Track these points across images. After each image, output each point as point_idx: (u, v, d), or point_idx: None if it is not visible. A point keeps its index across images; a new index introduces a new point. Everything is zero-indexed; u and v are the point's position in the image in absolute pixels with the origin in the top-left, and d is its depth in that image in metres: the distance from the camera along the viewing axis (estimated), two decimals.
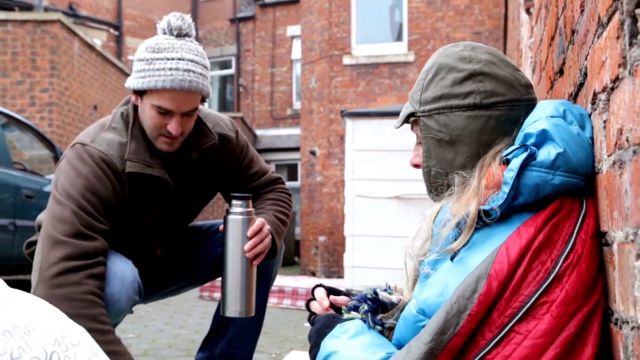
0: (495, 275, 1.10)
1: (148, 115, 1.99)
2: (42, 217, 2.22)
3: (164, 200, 2.11)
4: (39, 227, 2.20)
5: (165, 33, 2.00)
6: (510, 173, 1.16)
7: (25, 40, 8.64)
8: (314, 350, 1.37)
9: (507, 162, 1.20)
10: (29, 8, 13.29)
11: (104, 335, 1.77)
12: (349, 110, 6.70)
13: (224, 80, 18.60)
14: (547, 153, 1.16)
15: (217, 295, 5.99)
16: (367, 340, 1.30)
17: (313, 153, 11.69)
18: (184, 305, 5.65)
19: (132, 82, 1.98)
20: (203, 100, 2.05)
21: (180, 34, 1.99)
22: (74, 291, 1.80)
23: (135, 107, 2.06)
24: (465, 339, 1.11)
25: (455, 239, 1.21)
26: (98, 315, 1.81)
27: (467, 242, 1.19)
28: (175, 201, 2.14)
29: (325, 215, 11.20)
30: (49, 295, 1.77)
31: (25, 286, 1.94)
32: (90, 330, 1.46)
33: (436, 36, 11.04)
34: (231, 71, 18.16)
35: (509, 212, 1.18)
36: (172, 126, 1.96)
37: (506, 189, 1.15)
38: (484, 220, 1.19)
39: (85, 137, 2.03)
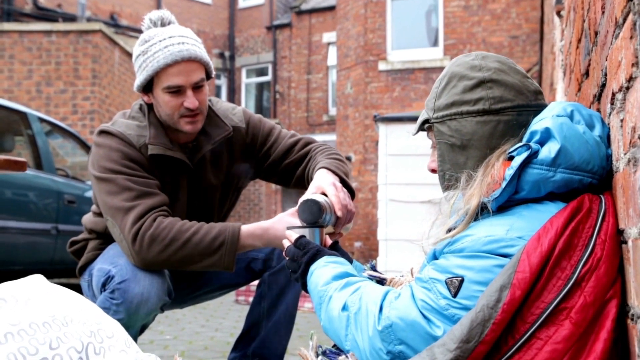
0: (518, 284, 1.12)
1: (163, 102, 2.04)
2: (88, 217, 2.29)
3: (186, 184, 2.15)
4: (87, 228, 2.28)
5: (149, 28, 2.09)
6: (510, 171, 1.22)
7: (68, 50, 8.90)
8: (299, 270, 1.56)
9: (511, 158, 1.25)
10: (72, 19, 13.65)
11: (202, 232, 1.94)
12: (382, 115, 6.72)
13: (260, 87, 18.78)
14: (548, 151, 1.21)
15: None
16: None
17: (348, 159, 11.72)
18: (219, 309, 5.73)
19: (138, 80, 2.07)
20: (208, 77, 2.10)
21: (164, 23, 2.09)
22: (161, 241, 1.92)
23: (150, 106, 2.13)
24: (490, 347, 1.13)
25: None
26: (187, 236, 1.93)
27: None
28: (197, 188, 2.18)
29: (361, 220, 11.20)
30: (146, 259, 1.92)
31: None
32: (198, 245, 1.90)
33: (472, 41, 10.98)
34: (268, 78, 18.32)
35: (515, 204, 1.24)
36: (189, 101, 2.02)
37: (503, 184, 1.21)
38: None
39: (107, 124, 2.14)
